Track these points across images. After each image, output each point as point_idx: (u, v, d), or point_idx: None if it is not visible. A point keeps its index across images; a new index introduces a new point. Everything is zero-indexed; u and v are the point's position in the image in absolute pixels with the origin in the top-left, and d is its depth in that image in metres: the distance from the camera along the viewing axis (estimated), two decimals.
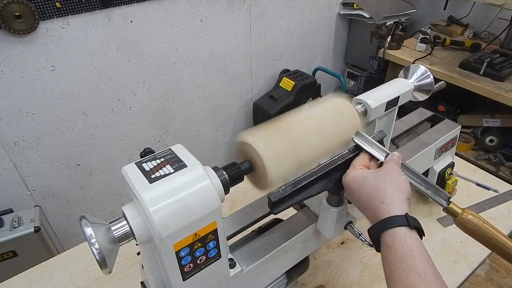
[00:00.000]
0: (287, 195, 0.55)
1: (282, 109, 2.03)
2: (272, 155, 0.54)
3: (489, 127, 1.99)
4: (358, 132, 0.62)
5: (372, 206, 0.52)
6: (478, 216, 0.54)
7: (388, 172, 0.54)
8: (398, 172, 0.54)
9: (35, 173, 1.58)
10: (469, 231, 0.54)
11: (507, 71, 1.78)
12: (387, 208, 0.50)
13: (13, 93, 1.39)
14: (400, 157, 0.58)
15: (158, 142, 1.95)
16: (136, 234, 0.46)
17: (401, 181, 0.53)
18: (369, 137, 0.61)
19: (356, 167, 0.58)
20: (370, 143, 0.61)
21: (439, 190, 0.56)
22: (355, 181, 0.56)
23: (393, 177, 0.53)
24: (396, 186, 0.52)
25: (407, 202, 0.51)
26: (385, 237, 0.48)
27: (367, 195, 0.53)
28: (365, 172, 0.56)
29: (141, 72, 1.69)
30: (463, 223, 0.54)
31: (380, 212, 0.50)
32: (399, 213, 0.49)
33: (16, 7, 1.24)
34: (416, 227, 0.49)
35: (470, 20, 2.27)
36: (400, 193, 0.51)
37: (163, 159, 0.49)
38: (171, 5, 1.64)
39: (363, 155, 0.60)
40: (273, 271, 0.67)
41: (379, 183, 0.53)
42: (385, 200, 0.50)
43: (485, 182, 1.13)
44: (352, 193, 0.56)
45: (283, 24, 2.14)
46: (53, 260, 0.92)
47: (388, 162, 0.57)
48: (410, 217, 0.48)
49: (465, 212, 0.55)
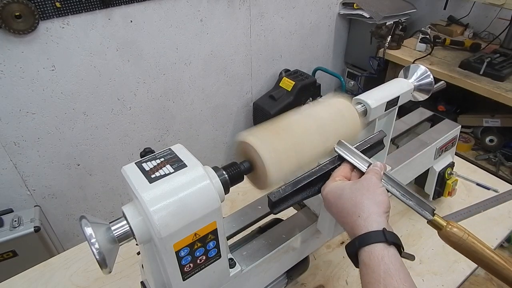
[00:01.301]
0: (287, 195, 0.55)
1: (282, 109, 2.03)
2: (272, 155, 0.54)
3: (489, 127, 1.99)
4: (340, 142, 0.59)
5: (349, 221, 0.50)
6: (463, 229, 0.53)
7: (366, 184, 0.52)
8: (376, 184, 0.52)
9: (35, 173, 1.58)
10: (454, 245, 0.52)
11: (507, 71, 1.78)
12: (364, 223, 0.48)
13: (13, 93, 1.39)
14: (383, 168, 0.56)
15: (158, 142, 1.95)
16: (136, 234, 0.46)
17: (378, 193, 0.51)
18: (351, 146, 0.59)
19: (335, 178, 0.56)
20: (352, 153, 0.58)
21: (423, 202, 0.55)
22: (333, 193, 0.54)
23: (370, 189, 0.51)
24: (373, 199, 0.50)
25: (385, 216, 0.49)
26: (362, 255, 0.47)
27: (344, 208, 0.51)
28: (343, 184, 0.54)
29: (141, 72, 1.69)
30: (447, 236, 0.52)
31: (357, 227, 0.48)
32: (376, 228, 0.47)
33: (16, 7, 1.24)
34: (394, 243, 0.47)
35: (470, 20, 2.27)
36: (378, 207, 0.49)
37: (163, 159, 0.49)
38: (171, 5, 1.64)
39: (344, 165, 0.58)
40: (273, 271, 0.67)
41: (356, 196, 0.51)
42: (362, 215, 0.49)
43: (485, 182, 1.13)
44: (330, 206, 0.54)
45: (283, 24, 2.14)
46: (53, 260, 0.92)
47: (368, 173, 0.54)
48: (388, 232, 0.47)
49: (450, 224, 0.53)
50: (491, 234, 0.96)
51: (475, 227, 0.99)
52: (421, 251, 0.91)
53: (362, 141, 0.63)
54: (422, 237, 0.96)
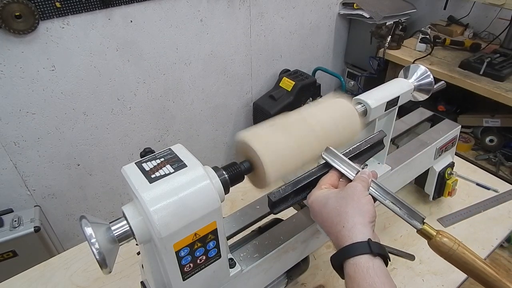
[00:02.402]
0: (287, 195, 0.55)
1: (282, 109, 2.03)
2: (271, 155, 0.54)
3: (489, 127, 1.99)
4: (328, 148, 0.58)
5: (334, 231, 0.49)
6: (454, 238, 0.51)
7: (351, 193, 0.50)
8: (361, 192, 0.50)
9: (35, 173, 1.58)
10: (444, 255, 0.51)
11: (507, 71, 1.77)
12: (348, 233, 0.47)
13: (13, 93, 1.39)
14: (371, 175, 0.54)
15: (158, 142, 1.95)
16: (136, 234, 0.46)
17: (364, 202, 0.49)
18: (339, 153, 0.57)
19: (322, 186, 0.54)
20: (340, 160, 0.57)
21: (413, 211, 0.53)
22: (318, 202, 0.52)
23: (355, 198, 0.49)
24: (358, 209, 0.48)
25: (370, 226, 0.48)
26: (347, 267, 0.46)
27: (329, 218, 0.50)
28: (329, 192, 0.53)
29: (141, 72, 1.69)
30: (437, 246, 0.51)
31: (341, 238, 0.47)
32: (360, 239, 0.46)
33: (16, 7, 1.24)
34: (380, 254, 0.45)
35: (470, 20, 2.27)
36: (363, 217, 0.48)
37: (163, 159, 0.49)
38: (171, 5, 1.64)
39: (331, 173, 0.56)
40: (273, 271, 0.67)
41: (340, 205, 0.49)
42: (346, 225, 0.47)
43: (485, 182, 1.13)
44: (315, 215, 0.53)
45: (283, 24, 2.14)
46: (53, 260, 0.92)
47: (354, 181, 0.53)
48: (373, 243, 0.45)
49: (440, 234, 0.52)
50: (491, 234, 0.96)
51: (475, 227, 0.99)
52: (421, 251, 0.91)
53: (362, 141, 0.63)
54: (422, 237, 0.95)
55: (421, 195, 1.07)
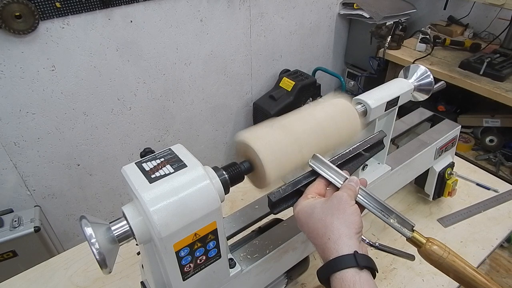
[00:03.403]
0: (287, 195, 0.55)
1: (282, 109, 2.03)
2: (271, 155, 0.54)
3: (489, 127, 1.99)
4: (315, 155, 0.56)
5: (320, 243, 0.47)
6: (444, 246, 0.50)
7: (336, 202, 0.49)
8: (347, 202, 0.49)
9: (35, 173, 1.58)
10: (434, 263, 0.50)
11: (507, 71, 1.78)
12: (334, 246, 0.45)
13: (13, 93, 1.39)
14: (358, 183, 0.52)
15: (158, 142, 1.95)
16: (136, 234, 0.46)
17: (349, 213, 0.48)
18: (326, 160, 0.55)
19: (308, 195, 0.52)
20: (327, 167, 0.55)
21: (402, 219, 0.52)
22: (304, 212, 0.50)
23: (341, 208, 0.48)
24: (343, 220, 0.47)
25: (356, 237, 0.46)
26: (334, 282, 0.44)
27: (315, 229, 0.48)
28: (315, 202, 0.51)
29: (141, 72, 1.69)
30: (427, 254, 0.50)
31: (327, 250, 0.46)
32: (347, 252, 0.44)
33: (16, 7, 1.24)
34: (367, 267, 0.44)
35: (470, 20, 2.27)
36: (348, 228, 0.46)
37: (163, 159, 0.49)
38: (171, 5, 1.64)
39: (318, 181, 0.55)
40: (273, 271, 0.67)
41: (326, 215, 0.48)
42: (332, 237, 0.46)
43: (485, 182, 1.13)
44: (301, 226, 0.51)
45: (283, 24, 2.14)
46: (53, 260, 0.92)
47: (341, 190, 0.51)
48: (359, 255, 0.44)
49: (430, 242, 0.51)
50: (491, 234, 0.96)
51: (475, 227, 0.99)
52: None
53: (362, 141, 0.63)
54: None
55: (421, 195, 1.07)
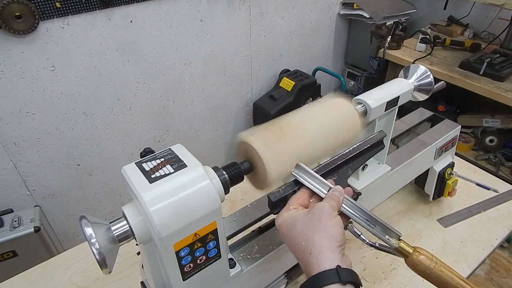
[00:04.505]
0: (287, 195, 0.55)
1: (282, 109, 2.03)
2: (272, 155, 0.54)
3: (489, 127, 1.99)
4: (298, 165, 0.54)
5: (302, 257, 0.46)
6: (431, 256, 0.49)
7: (318, 214, 0.46)
8: (328, 214, 0.46)
9: (35, 173, 1.58)
10: (421, 274, 0.49)
11: (507, 71, 1.78)
12: (316, 261, 0.43)
13: (13, 93, 1.39)
14: (343, 192, 0.50)
15: (158, 142, 1.95)
16: (136, 234, 0.46)
17: (331, 225, 0.46)
18: (309, 169, 0.53)
19: (290, 206, 0.51)
20: (311, 177, 0.53)
21: (388, 228, 0.51)
22: (285, 225, 0.49)
23: (322, 220, 0.46)
24: (325, 233, 0.45)
25: (338, 251, 0.45)
26: None
27: (296, 243, 0.47)
28: (297, 213, 0.49)
29: (141, 72, 1.69)
30: (414, 265, 0.49)
31: (309, 265, 0.44)
32: (329, 267, 0.42)
33: (16, 7, 1.24)
34: (350, 281, 0.42)
35: (470, 20, 2.27)
36: (330, 241, 0.44)
37: (163, 159, 0.49)
38: (171, 5, 1.64)
39: (301, 191, 0.53)
40: (273, 271, 0.67)
41: (307, 228, 0.46)
42: (313, 251, 0.44)
43: (485, 182, 1.13)
44: (283, 238, 0.50)
45: (283, 24, 2.14)
46: (53, 260, 0.92)
47: (324, 200, 0.49)
48: (342, 270, 0.42)
49: (417, 251, 0.49)
50: (491, 234, 0.96)
51: (475, 227, 0.99)
52: None
53: (362, 141, 0.63)
54: (422, 237, 0.96)
55: (421, 195, 1.07)
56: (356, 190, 0.75)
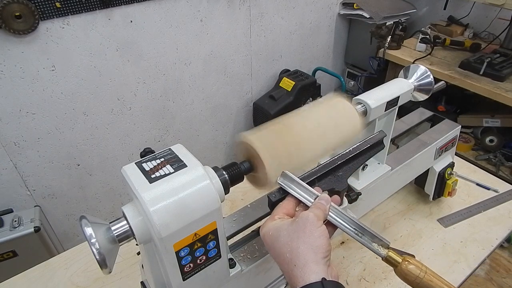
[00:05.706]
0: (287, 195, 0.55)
1: (282, 109, 2.03)
2: (272, 155, 0.54)
3: (489, 127, 1.99)
4: (283, 173, 0.53)
5: (286, 269, 0.44)
6: (420, 265, 0.48)
7: (302, 224, 0.45)
8: (313, 224, 0.45)
9: (35, 173, 1.58)
10: (411, 283, 0.48)
11: (507, 71, 1.77)
12: (300, 273, 0.42)
13: (13, 93, 1.39)
14: (329, 201, 0.49)
15: (158, 142, 1.95)
16: (136, 234, 0.46)
17: (316, 236, 0.44)
18: (295, 177, 0.52)
19: (275, 216, 0.49)
20: (297, 185, 0.51)
21: (377, 237, 0.50)
22: (270, 235, 0.47)
23: (307, 231, 0.44)
24: (309, 244, 0.44)
25: (324, 262, 0.43)
26: None
27: (281, 254, 0.45)
28: (281, 224, 0.47)
29: (141, 72, 1.69)
30: (403, 275, 0.48)
31: (294, 278, 0.43)
32: (314, 280, 0.41)
33: (16, 7, 1.24)
34: None
35: (470, 20, 2.27)
36: (315, 253, 0.43)
37: (163, 159, 0.49)
38: (171, 5, 1.64)
39: (287, 200, 0.51)
40: (273, 271, 0.67)
41: (292, 239, 0.45)
42: (298, 263, 0.43)
43: (485, 182, 1.13)
44: (268, 249, 0.48)
45: (283, 24, 2.14)
46: (53, 260, 0.92)
47: (309, 209, 0.48)
48: (327, 282, 0.41)
49: (406, 261, 0.48)
50: (491, 234, 0.96)
51: (475, 227, 0.99)
52: (421, 251, 0.91)
53: (362, 141, 0.63)
54: (422, 237, 0.96)
55: (421, 195, 1.07)
56: (356, 190, 0.76)
